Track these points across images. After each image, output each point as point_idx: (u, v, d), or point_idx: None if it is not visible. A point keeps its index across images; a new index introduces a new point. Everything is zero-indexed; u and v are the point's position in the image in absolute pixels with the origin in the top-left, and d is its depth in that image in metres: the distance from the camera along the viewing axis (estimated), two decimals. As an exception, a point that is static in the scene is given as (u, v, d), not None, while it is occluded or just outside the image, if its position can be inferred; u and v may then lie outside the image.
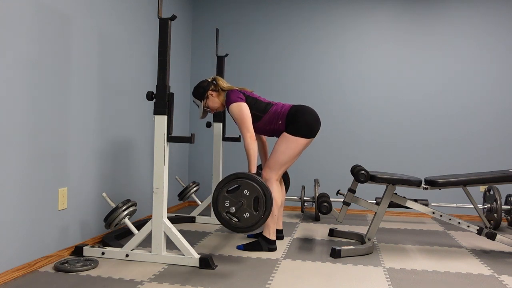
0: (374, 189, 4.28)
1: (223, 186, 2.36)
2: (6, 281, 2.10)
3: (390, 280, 2.29)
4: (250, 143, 2.64)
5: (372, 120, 4.29)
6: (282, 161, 2.74)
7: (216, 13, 4.55)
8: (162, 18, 2.41)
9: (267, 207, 2.32)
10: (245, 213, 2.33)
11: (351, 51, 4.33)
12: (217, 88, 2.85)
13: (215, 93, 2.84)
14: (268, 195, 2.32)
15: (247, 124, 2.67)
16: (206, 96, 2.84)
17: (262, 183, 2.35)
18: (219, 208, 2.36)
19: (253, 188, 2.32)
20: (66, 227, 2.57)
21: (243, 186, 2.34)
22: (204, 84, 2.84)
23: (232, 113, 2.72)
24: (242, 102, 2.72)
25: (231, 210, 2.32)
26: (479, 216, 2.92)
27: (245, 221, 2.34)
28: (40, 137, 2.31)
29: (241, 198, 2.33)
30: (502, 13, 4.10)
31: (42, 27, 2.30)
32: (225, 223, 2.36)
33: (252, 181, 2.34)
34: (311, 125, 2.73)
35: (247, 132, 2.66)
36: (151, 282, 2.16)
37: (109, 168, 3.00)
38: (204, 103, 2.86)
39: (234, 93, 2.76)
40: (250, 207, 2.33)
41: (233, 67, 4.50)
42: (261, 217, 2.32)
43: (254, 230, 2.41)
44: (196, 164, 4.60)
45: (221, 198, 2.35)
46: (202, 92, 2.84)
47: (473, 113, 4.16)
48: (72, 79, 2.58)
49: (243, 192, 2.33)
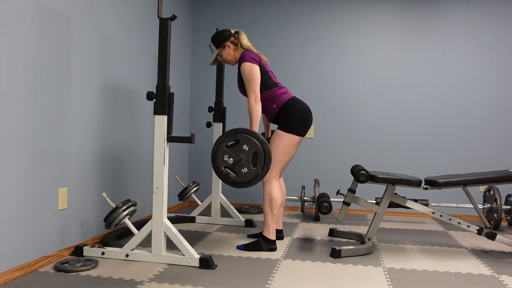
0: (374, 189, 4.28)
1: (223, 140, 2.36)
2: (6, 281, 2.10)
3: (390, 280, 2.29)
4: (254, 104, 2.65)
5: (372, 120, 4.29)
6: (277, 157, 2.74)
7: (216, 13, 4.55)
8: (162, 18, 2.41)
9: (265, 164, 2.32)
10: (243, 168, 2.34)
11: (351, 51, 4.33)
12: (237, 42, 2.85)
13: (233, 46, 2.85)
14: (267, 151, 2.32)
15: (254, 86, 2.68)
16: (223, 46, 2.84)
17: (263, 139, 2.35)
18: (218, 162, 2.36)
19: (252, 143, 2.32)
20: (66, 227, 2.57)
21: (243, 141, 2.34)
22: (226, 33, 2.84)
23: (242, 71, 2.72)
24: (255, 64, 2.72)
25: (229, 161, 2.32)
26: (479, 216, 2.92)
27: (242, 176, 2.35)
28: (40, 137, 2.31)
29: (240, 152, 2.33)
30: (502, 13, 4.10)
31: (42, 27, 2.30)
32: (223, 178, 2.37)
33: (252, 136, 2.34)
34: (302, 123, 2.74)
35: (252, 93, 2.67)
36: (151, 282, 2.16)
37: (109, 168, 3.00)
38: (219, 51, 2.86)
39: (250, 53, 2.76)
40: (248, 162, 2.33)
41: (233, 67, 4.50)
42: (259, 173, 2.33)
43: (251, 186, 2.43)
44: (196, 164, 4.60)
45: (220, 152, 2.35)
46: (222, 40, 2.84)
47: (473, 113, 4.16)
48: (72, 79, 2.58)
49: (242, 147, 2.33)
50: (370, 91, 4.30)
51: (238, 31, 2.88)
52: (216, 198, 3.61)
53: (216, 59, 2.92)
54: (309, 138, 4.38)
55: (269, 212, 2.77)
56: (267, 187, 2.77)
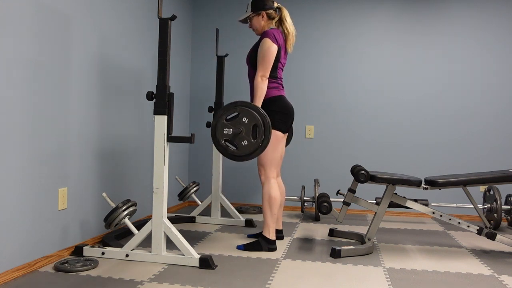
0: (374, 189, 4.28)
1: (223, 114, 2.35)
2: (6, 281, 2.10)
3: (390, 280, 2.29)
4: (261, 82, 2.64)
5: (372, 120, 4.29)
6: (269, 155, 2.74)
7: (216, 13, 4.55)
8: (162, 18, 2.41)
9: (265, 136, 2.32)
10: (243, 141, 2.33)
11: (351, 51, 4.33)
12: (274, 17, 2.81)
13: (266, 18, 2.80)
14: (267, 124, 2.32)
15: (266, 64, 2.66)
16: (258, 13, 2.80)
17: (263, 112, 2.34)
18: (218, 135, 2.35)
19: (252, 116, 2.32)
20: (66, 227, 2.57)
21: (242, 113, 2.34)
22: (268, 3, 2.79)
23: (261, 45, 2.70)
24: (276, 44, 2.70)
25: (229, 132, 2.31)
26: (479, 216, 2.92)
27: (242, 149, 2.35)
28: (40, 137, 2.31)
29: (239, 125, 2.33)
30: (503, 13, 4.10)
31: (42, 27, 2.30)
32: (222, 151, 2.37)
33: (251, 108, 2.34)
34: (284, 121, 2.76)
35: (261, 71, 2.66)
36: (151, 282, 2.16)
37: (109, 168, 3.00)
38: (252, 15, 2.82)
39: (277, 34, 2.74)
40: (248, 135, 2.32)
41: (233, 67, 4.50)
42: (259, 145, 2.32)
43: (251, 159, 2.43)
44: (196, 164, 4.59)
45: (220, 125, 2.34)
46: (260, 7, 2.78)
47: (473, 113, 4.16)
48: (72, 79, 2.58)
49: (242, 119, 2.33)
50: (370, 91, 4.30)
51: (281, 7, 2.82)
52: (216, 198, 3.61)
53: (246, 20, 2.87)
54: (309, 138, 4.38)
55: (268, 212, 2.77)
56: (266, 186, 2.76)
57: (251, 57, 2.81)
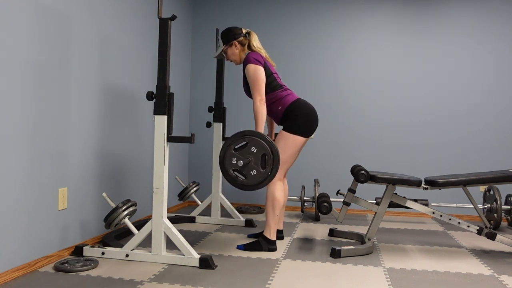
0: (374, 189, 4.28)
1: (231, 143, 2.34)
2: (6, 281, 2.10)
3: (390, 280, 2.29)
4: (260, 106, 2.63)
5: (372, 120, 4.29)
6: (282, 159, 2.73)
7: (216, 13, 4.55)
8: (162, 18, 2.41)
9: (274, 165, 2.30)
10: (252, 171, 2.32)
11: (351, 51, 4.33)
12: (245, 43, 2.82)
13: (239, 46, 2.82)
14: (275, 152, 2.31)
15: (259, 87, 2.66)
16: (230, 44, 2.81)
17: (270, 141, 2.33)
18: (226, 165, 2.34)
19: (260, 145, 2.31)
20: (66, 227, 2.57)
21: (251, 143, 2.32)
22: (236, 31, 2.80)
23: (247, 73, 2.70)
24: (260, 65, 2.70)
25: (239, 163, 2.30)
26: (479, 216, 2.92)
27: (252, 179, 2.33)
28: (40, 137, 2.31)
29: (248, 155, 2.32)
30: (503, 13, 4.10)
31: (42, 27, 2.30)
32: (231, 181, 2.35)
33: (260, 138, 2.33)
34: (308, 124, 2.74)
35: (257, 95, 2.65)
36: (151, 282, 2.16)
37: (109, 168, 3.00)
38: (225, 48, 2.83)
39: (255, 55, 2.73)
40: (257, 165, 2.31)
41: (233, 67, 4.50)
42: (268, 175, 2.31)
43: (261, 188, 2.42)
44: (196, 164, 4.60)
45: (228, 155, 2.33)
46: (231, 38, 2.80)
47: (473, 113, 4.16)
48: (72, 79, 2.58)
49: (250, 149, 2.32)
50: (370, 91, 4.30)
51: (250, 32, 2.83)
52: (216, 198, 3.61)
53: (221, 54, 2.90)
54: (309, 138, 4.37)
55: (271, 213, 2.77)
56: (271, 187, 2.76)
57: (246, 86, 2.82)
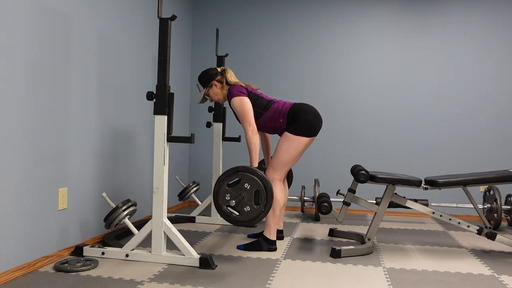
0: (374, 189, 4.28)
1: (224, 179, 2.35)
2: (6, 281, 2.10)
3: (390, 280, 2.29)
4: (252, 136, 2.63)
5: (372, 120, 4.29)
6: (285, 160, 2.73)
7: (216, 13, 4.55)
8: (162, 18, 2.41)
9: (267, 201, 2.31)
10: (246, 207, 2.33)
11: (351, 51, 4.33)
12: (223, 80, 2.83)
13: (219, 84, 2.83)
14: (268, 188, 2.32)
15: (248, 118, 2.67)
16: (210, 85, 2.83)
17: (263, 176, 2.34)
18: (220, 201, 2.35)
19: (253, 182, 2.32)
20: (66, 227, 2.57)
21: (244, 179, 2.33)
22: (212, 72, 2.82)
23: (234, 107, 2.71)
24: (244, 96, 2.71)
25: (231, 203, 2.31)
26: (479, 216, 2.92)
27: (245, 215, 2.34)
28: (40, 137, 2.31)
29: (241, 191, 2.33)
30: (503, 13, 4.10)
31: (42, 27, 2.30)
32: (225, 217, 2.36)
33: (253, 174, 2.33)
34: (312, 123, 2.72)
35: (248, 126, 2.65)
36: (151, 282, 2.16)
37: (109, 168, 3.00)
38: (206, 90, 2.85)
39: (236, 88, 2.75)
40: (250, 201, 2.32)
41: (233, 67, 4.50)
42: (262, 211, 2.32)
43: (255, 224, 2.42)
44: (196, 164, 4.60)
45: (222, 191, 2.34)
46: (208, 79, 2.82)
47: (473, 113, 4.16)
48: (72, 79, 2.58)
49: (243, 185, 2.32)
50: (370, 91, 4.30)
51: (225, 69, 2.85)
52: (216, 198, 3.60)
53: (204, 98, 2.91)
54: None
55: (271, 213, 2.77)
56: (272, 188, 2.76)
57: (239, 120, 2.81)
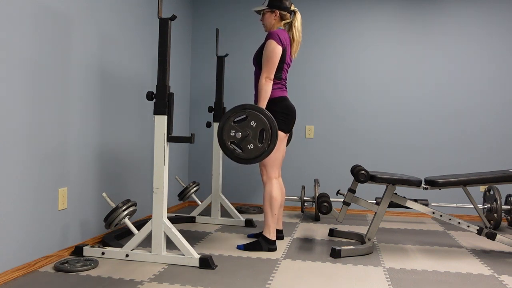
0: (374, 189, 4.28)
1: (231, 115, 2.34)
2: (6, 281, 2.10)
3: (390, 280, 2.29)
4: (265, 84, 2.65)
5: (372, 120, 4.29)
6: (271, 156, 2.75)
7: (216, 13, 4.55)
8: (162, 18, 2.41)
9: (272, 141, 2.31)
10: (250, 145, 2.32)
11: (351, 50, 4.32)
12: (286, 18, 2.82)
13: (278, 18, 2.82)
14: (274, 128, 2.32)
15: (270, 66, 2.68)
16: (272, 11, 2.81)
17: (270, 116, 2.34)
18: (224, 137, 2.34)
19: (260, 120, 2.31)
20: (66, 227, 2.57)
21: (250, 117, 2.33)
22: (284, 3, 2.79)
23: (266, 47, 2.71)
24: (280, 45, 2.71)
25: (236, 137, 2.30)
26: (479, 216, 2.92)
27: (248, 152, 2.33)
28: (40, 137, 2.31)
29: (247, 128, 2.32)
30: (502, 13, 4.10)
31: (42, 27, 2.30)
32: (228, 153, 2.36)
33: (260, 113, 2.33)
34: (287, 121, 2.76)
35: (266, 72, 2.67)
36: (151, 282, 2.16)
37: (109, 168, 3.00)
38: (266, 10, 2.83)
39: (282, 35, 2.74)
40: (255, 139, 2.31)
41: (233, 67, 4.50)
42: (265, 150, 2.32)
43: (256, 163, 2.42)
44: (196, 164, 4.59)
45: (227, 127, 2.34)
46: (276, 5, 2.79)
47: (473, 113, 4.16)
48: (72, 79, 2.58)
49: (250, 123, 2.32)
50: (370, 91, 4.30)
51: (296, 12, 2.83)
52: (216, 198, 3.61)
53: (259, 12, 2.89)
54: (309, 138, 4.38)
55: (269, 212, 2.77)
56: (268, 186, 2.77)
57: (257, 57, 2.83)
